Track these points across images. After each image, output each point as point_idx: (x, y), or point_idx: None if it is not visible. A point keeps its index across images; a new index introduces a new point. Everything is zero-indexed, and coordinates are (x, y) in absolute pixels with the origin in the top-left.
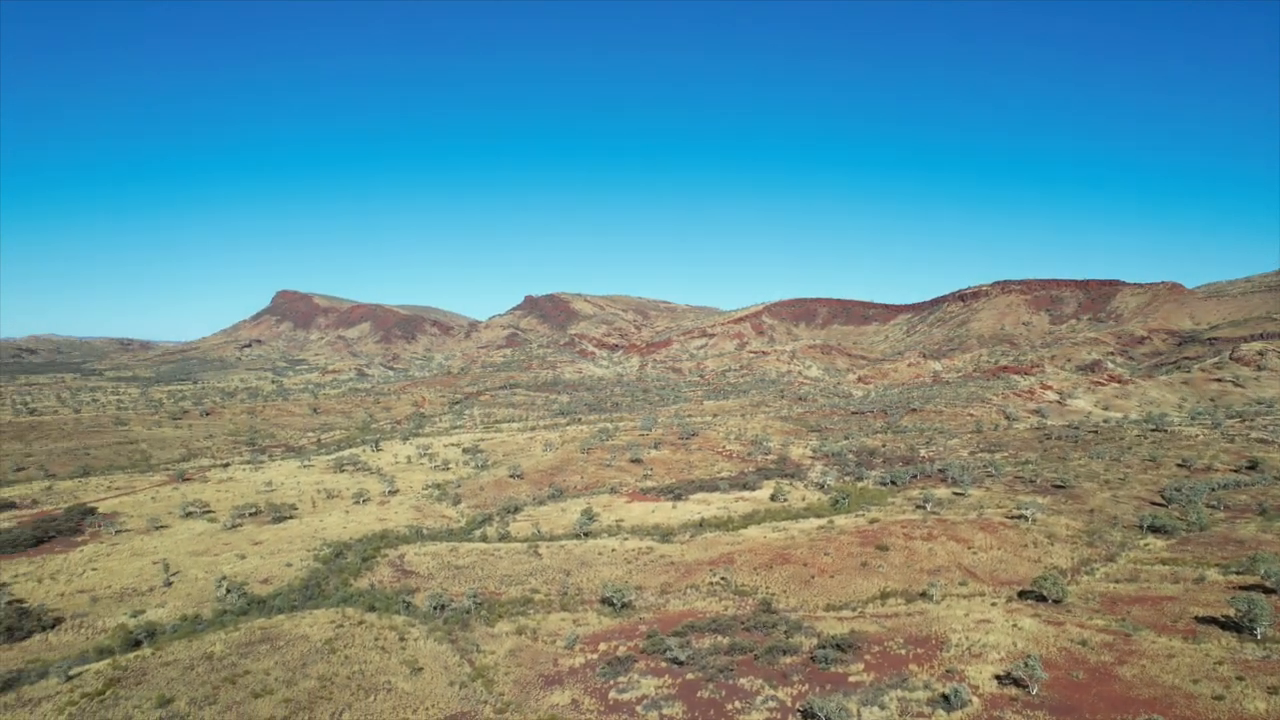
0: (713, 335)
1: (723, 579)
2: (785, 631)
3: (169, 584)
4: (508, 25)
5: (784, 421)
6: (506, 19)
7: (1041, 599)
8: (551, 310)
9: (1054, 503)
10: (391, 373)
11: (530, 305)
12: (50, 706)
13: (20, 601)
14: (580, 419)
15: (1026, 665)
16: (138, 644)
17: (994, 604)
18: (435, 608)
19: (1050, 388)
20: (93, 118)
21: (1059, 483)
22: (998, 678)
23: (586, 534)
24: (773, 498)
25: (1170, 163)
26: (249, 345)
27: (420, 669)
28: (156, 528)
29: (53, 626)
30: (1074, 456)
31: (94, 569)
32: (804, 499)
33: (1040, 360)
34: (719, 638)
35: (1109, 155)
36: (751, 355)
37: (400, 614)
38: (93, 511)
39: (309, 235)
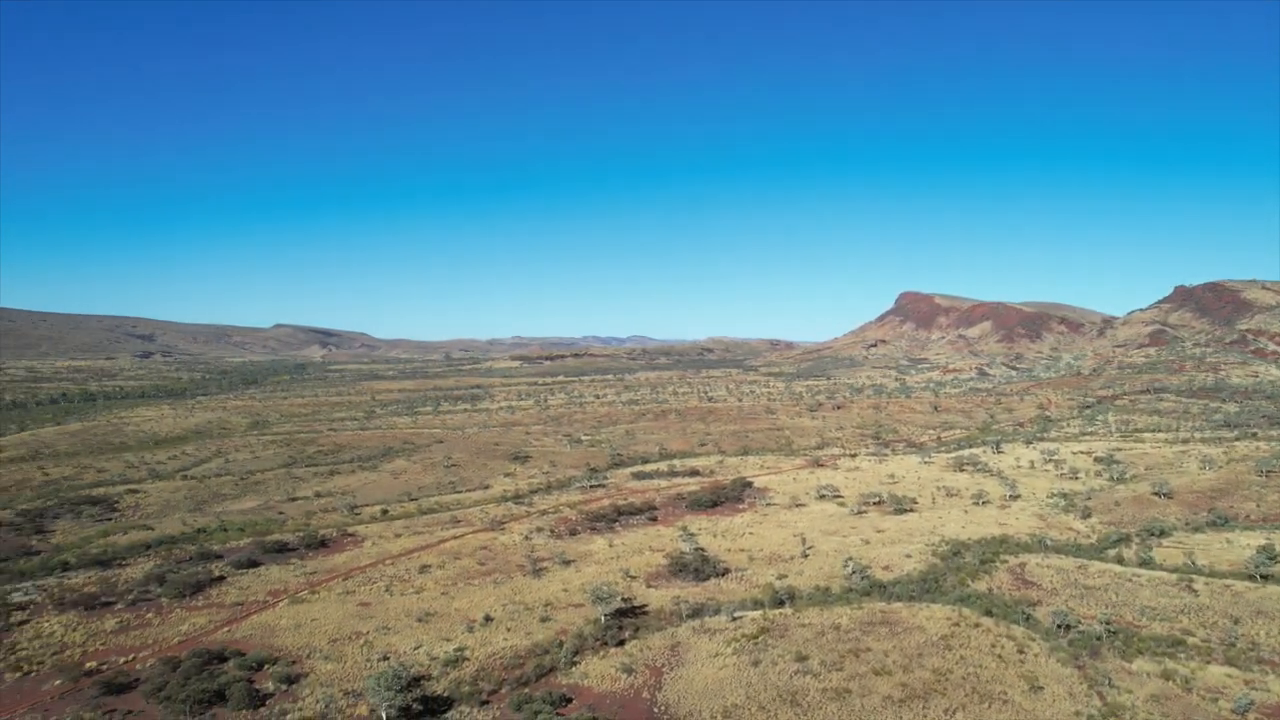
0: None
1: None
2: None
3: (805, 555)
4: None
5: None
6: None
7: None
8: (1211, 302)
9: None
10: (1013, 373)
11: (1181, 297)
12: (721, 638)
13: (702, 550)
14: (1255, 433)
15: None
16: (780, 603)
17: None
18: (1059, 626)
19: None
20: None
21: None
22: None
23: (1264, 576)
24: None
25: None
26: (874, 345)
27: (1040, 688)
28: (795, 505)
29: (722, 574)
30: None
31: (750, 533)
32: None
33: None
34: None
35: None
36: None
37: (1019, 624)
38: (749, 485)
39: (931, 236)
